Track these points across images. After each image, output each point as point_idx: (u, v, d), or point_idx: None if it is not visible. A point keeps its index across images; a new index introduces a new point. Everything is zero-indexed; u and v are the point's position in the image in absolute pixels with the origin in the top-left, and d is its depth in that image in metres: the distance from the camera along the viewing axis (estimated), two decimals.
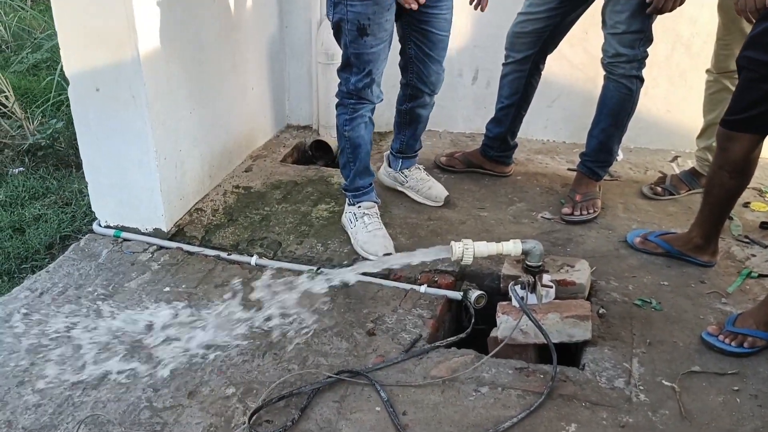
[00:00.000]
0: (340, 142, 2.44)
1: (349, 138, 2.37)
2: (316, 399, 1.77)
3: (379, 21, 2.14)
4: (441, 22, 2.33)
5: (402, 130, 2.64)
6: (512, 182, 2.90)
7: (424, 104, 2.54)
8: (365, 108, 2.34)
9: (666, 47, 2.96)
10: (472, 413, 1.72)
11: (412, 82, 2.46)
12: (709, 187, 2.24)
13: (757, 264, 2.33)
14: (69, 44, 2.27)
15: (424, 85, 2.46)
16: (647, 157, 3.13)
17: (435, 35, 2.33)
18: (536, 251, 1.96)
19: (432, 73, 2.42)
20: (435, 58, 2.39)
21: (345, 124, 2.35)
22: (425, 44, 2.35)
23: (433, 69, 2.41)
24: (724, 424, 1.70)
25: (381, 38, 2.19)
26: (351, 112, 2.33)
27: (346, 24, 2.14)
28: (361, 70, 2.23)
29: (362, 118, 2.36)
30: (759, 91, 1.93)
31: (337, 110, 2.38)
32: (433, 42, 2.35)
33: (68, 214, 2.89)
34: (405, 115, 2.59)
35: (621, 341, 1.97)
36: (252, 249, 2.44)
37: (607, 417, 1.71)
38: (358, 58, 2.20)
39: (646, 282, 2.24)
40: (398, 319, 2.08)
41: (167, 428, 1.69)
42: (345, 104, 2.34)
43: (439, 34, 2.34)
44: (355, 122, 2.35)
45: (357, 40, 2.16)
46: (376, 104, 2.35)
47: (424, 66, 2.40)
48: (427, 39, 2.34)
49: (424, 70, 2.41)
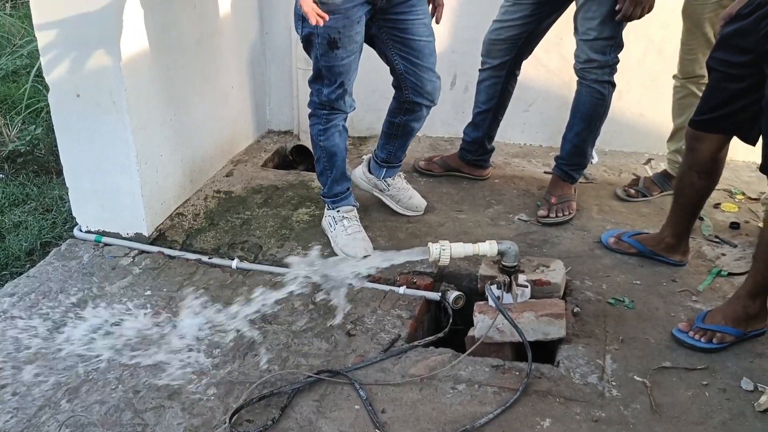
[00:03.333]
0: (316, 152, 2.45)
1: (324, 147, 2.39)
2: (297, 398, 1.80)
3: (349, 34, 2.16)
4: (419, 27, 2.30)
5: (391, 141, 2.58)
6: (490, 185, 2.95)
7: (420, 117, 2.48)
8: (338, 118, 2.36)
9: (639, 52, 3.04)
10: (450, 410, 1.76)
11: (409, 98, 2.40)
12: (679, 188, 2.30)
13: (726, 263, 2.39)
14: (49, 50, 2.28)
15: (422, 98, 2.40)
16: (621, 160, 3.20)
17: (417, 42, 2.30)
18: (511, 252, 2.01)
19: (426, 82, 2.37)
20: (425, 66, 2.35)
21: (319, 134, 2.38)
22: (410, 53, 2.31)
23: (426, 78, 2.36)
24: (694, 417, 1.75)
25: (351, 50, 2.20)
26: (325, 122, 2.35)
27: (317, 38, 2.16)
28: (333, 81, 2.25)
29: (336, 128, 2.38)
30: (727, 91, 1.99)
31: (311, 120, 2.40)
32: (418, 50, 2.31)
33: (48, 221, 2.89)
34: (398, 128, 2.53)
35: (595, 338, 2.02)
36: (233, 252, 2.47)
37: (580, 412, 1.76)
38: (330, 71, 2.22)
39: (619, 281, 2.29)
40: (377, 319, 2.11)
41: (149, 429, 1.71)
42: (318, 115, 2.35)
43: (421, 40, 2.31)
44: (329, 132, 2.37)
45: (328, 53, 2.17)
46: (349, 113, 2.38)
47: (417, 77, 2.35)
48: (411, 48, 2.31)
49: (417, 82, 2.36)
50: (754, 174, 3.03)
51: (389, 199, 2.70)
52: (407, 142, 2.61)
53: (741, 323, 1.98)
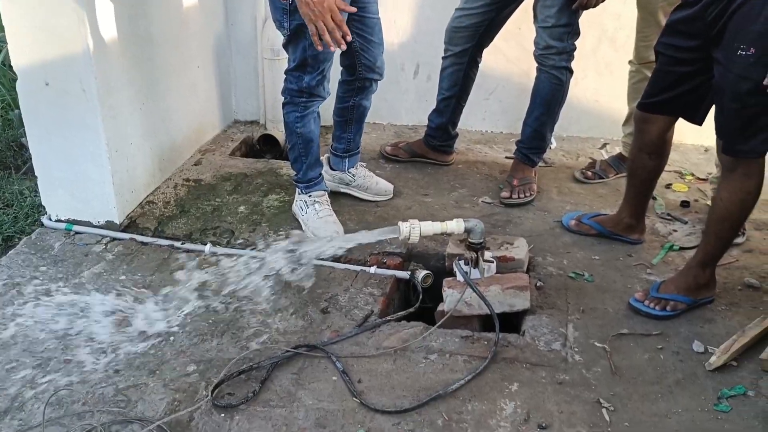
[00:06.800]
0: (291, 139, 2.49)
1: (301, 134, 2.45)
2: (275, 372, 1.87)
3: None
4: (373, 5, 2.42)
5: (347, 129, 2.66)
6: (454, 170, 3.05)
7: (370, 93, 2.59)
8: (316, 104, 2.43)
9: (593, 41, 3.17)
10: (423, 378, 1.85)
11: (362, 74, 2.50)
12: (632, 169, 2.42)
13: (678, 238, 2.53)
14: (17, 38, 2.28)
15: (374, 74, 2.52)
16: (578, 145, 3.33)
17: (371, 19, 2.41)
18: (478, 229, 2.10)
19: (377, 57, 2.49)
20: (376, 42, 2.46)
21: (296, 121, 2.43)
22: (365, 30, 2.41)
23: (377, 53, 2.48)
24: (650, 377, 1.87)
25: None
26: (302, 109, 2.41)
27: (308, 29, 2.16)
28: (315, 69, 2.31)
29: (312, 114, 2.44)
30: (674, 74, 2.12)
31: (286, 108, 2.45)
32: (371, 26, 2.42)
33: (10, 216, 2.84)
34: (352, 111, 2.61)
35: (557, 309, 2.13)
36: (205, 238, 2.50)
37: (545, 375, 1.86)
38: (315, 59, 2.27)
39: (579, 257, 2.41)
40: (350, 297, 2.19)
41: (131, 404, 1.75)
42: (296, 102, 2.40)
43: (374, 17, 2.43)
44: (306, 119, 2.43)
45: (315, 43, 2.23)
46: (325, 99, 2.45)
47: (370, 53, 2.46)
48: (366, 25, 2.40)
49: (370, 57, 2.47)
50: (702, 156, 3.21)
51: (357, 190, 2.76)
52: (362, 124, 2.69)
53: (692, 292, 2.12)
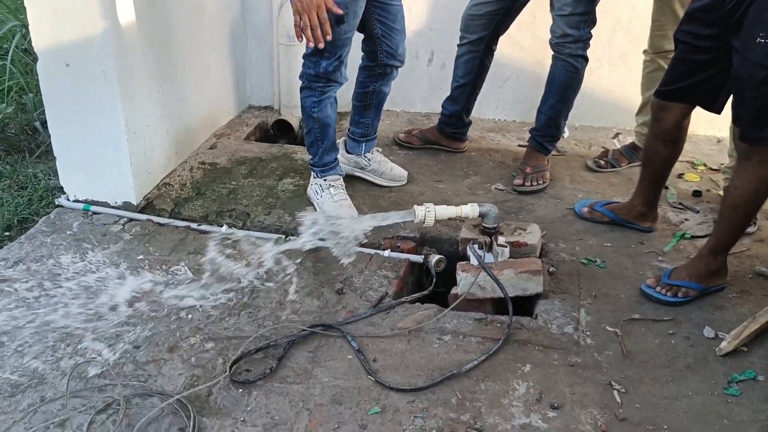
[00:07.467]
0: (308, 123, 2.52)
1: (318, 119, 2.47)
2: (292, 350, 1.90)
3: (355, 9, 2.28)
4: None
5: (365, 113, 2.67)
6: (467, 157, 3.07)
7: (391, 80, 2.60)
8: (333, 89, 2.45)
9: (607, 31, 3.18)
10: (437, 358, 1.88)
11: (383, 60, 2.51)
12: (647, 157, 2.44)
13: (689, 227, 2.55)
14: (38, 20, 2.31)
15: (395, 60, 2.53)
16: (591, 134, 3.35)
17: (393, 6, 2.44)
18: (492, 213, 2.12)
19: (399, 44, 2.51)
20: (398, 29, 2.48)
21: (313, 105, 2.45)
22: (388, 18, 2.44)
23: (399, 40, 2.50)
24: (660, 362, 1.90)
25: (353, 25, 2.31)
26: (319, 94, 2.43)
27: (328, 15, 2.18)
28: (333, 54, 2.33)
29: (329, 99, 2.46)
30: (692, 62, 2.13)
31: (303, 93, 2.47)
32: (393, 14, 2.45)
33: (24, 198, 2.86)
34: (371, 96, 2.63)
35: (570, 294, 2.15)
36: (221, 220, 2.54)
37: (558, 358, 1.89)
38: (333, 44, 2.29)
39: (591, 244, 2.43)
40: (365, 279, 2.21)
41: (151, 379, 1.78)
42: (313, 87, 2.43)
43: (396, 4, 2.46)
44: (323, 104, 2.45)
45: (333, 29, 2.23)
46: (342, 84, 2.47)
47: (392, 40, 2.48)
48: (388, 12, 2.44)
49: (392, 44, 2.48)
50: (714, 147, 3.22)
51: (372, 175, 2.77)
52: (380, 109, 2.71)
53: (703, 279, 2.14)
